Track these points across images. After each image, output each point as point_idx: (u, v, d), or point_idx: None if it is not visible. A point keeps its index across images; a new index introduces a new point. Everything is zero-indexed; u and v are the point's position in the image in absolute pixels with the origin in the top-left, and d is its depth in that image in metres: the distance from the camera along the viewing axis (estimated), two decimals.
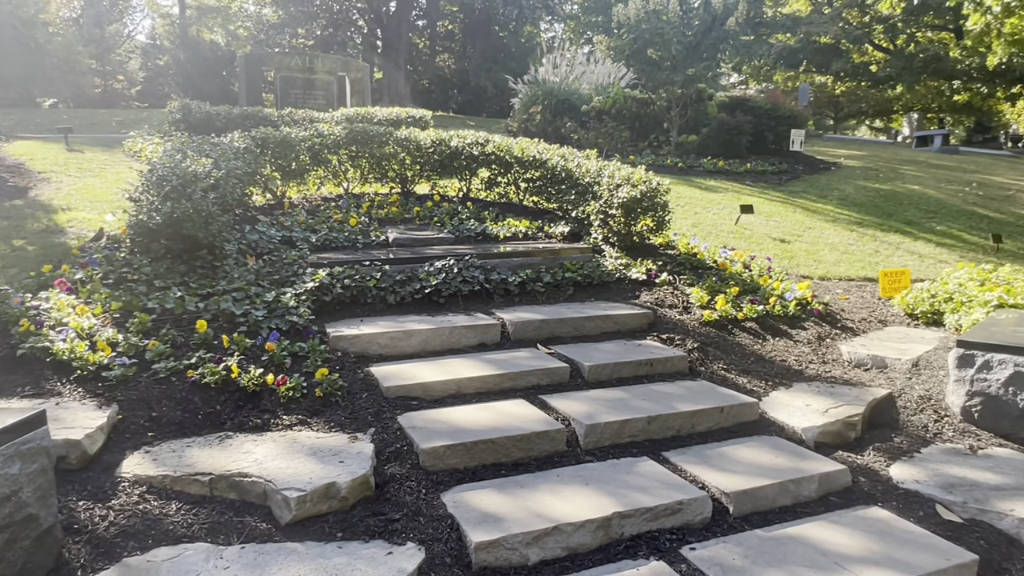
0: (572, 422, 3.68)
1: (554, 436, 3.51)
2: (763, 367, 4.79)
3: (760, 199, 10.34)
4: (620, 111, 14.73)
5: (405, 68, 30.08)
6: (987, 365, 4.19)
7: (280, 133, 6.82)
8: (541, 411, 3.78)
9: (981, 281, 6.26)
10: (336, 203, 7.09)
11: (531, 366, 4.22)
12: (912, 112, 38.33)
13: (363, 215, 6.69)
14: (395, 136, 7.42)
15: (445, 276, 5.16)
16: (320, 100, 14.22)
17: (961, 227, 10.10)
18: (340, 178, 7.52)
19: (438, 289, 5.07)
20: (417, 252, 5.68)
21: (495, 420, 3.59)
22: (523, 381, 4.12)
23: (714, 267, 6.31)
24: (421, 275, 5.12)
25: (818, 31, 28.93)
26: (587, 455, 3.53)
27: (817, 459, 3.57)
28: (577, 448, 3.58)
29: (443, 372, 4.06)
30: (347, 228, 6.21)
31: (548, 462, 3.44)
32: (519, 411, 3.74)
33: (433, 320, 4.71)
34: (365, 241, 6.00)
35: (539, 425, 3.55)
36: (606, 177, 6.45)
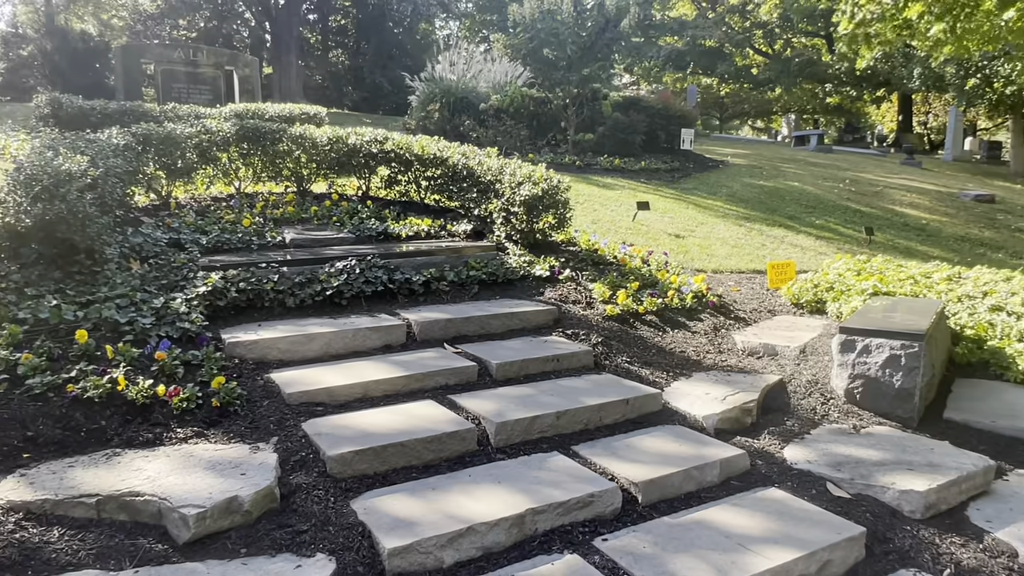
0: (482, 421, 3.66)
1: (464, 436, 3.48)
2: (664, 359, 4.94)
3: (655, 196, 10.68)
4: (518, 110, 14.85)
5: (296, 63, 29.16)
6: (866, 349, 4.48)
7: (164, 129, 6.45)
8: (451, 411, 3.74)
9: (858, 271, 6.71)
10: (228, 203, 6.78)
11: (439, 366, 4.17)
12: (790, 113, 40.71)
13: (257, 215, 6.42)
14: (289, 133, 7.16)
15: (347, 277, 5.02)
16: (206, 95, 13.55)
17: (837, 221, 10.80)
18: (231, 177, 7.19)
19: (340, 291, 4.93)
20: (316, 253, 5.51)
21: (404, 422, 3.53)
22: (431, 382, 4.07)
23: (614, 263, 6.46)
24: (322, 276, 4.96)
25: (703, 35, 30.24)
26: (499, 453, 3.53)
27: (718, 445, 3.71)
28: (488, 447, 3.56)
29: (348, 376, 3.95)
30: (240, 229, 5.94)
31: (460, 462, 3.41)
32: (428, 412, 3.68)
33: (336, 323, 4.57)
34: (260, 242, 5.76)
35: (449, 425, 3.51)
36: (507, 175, 6.47)
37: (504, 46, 14.49)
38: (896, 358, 4.37)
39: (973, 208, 13.55)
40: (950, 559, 3.09)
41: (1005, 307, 5.97)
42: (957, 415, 4.52)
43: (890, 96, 33.75)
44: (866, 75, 29.88)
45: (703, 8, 33.01)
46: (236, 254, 5.43)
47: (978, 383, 5.14)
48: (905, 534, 3.21)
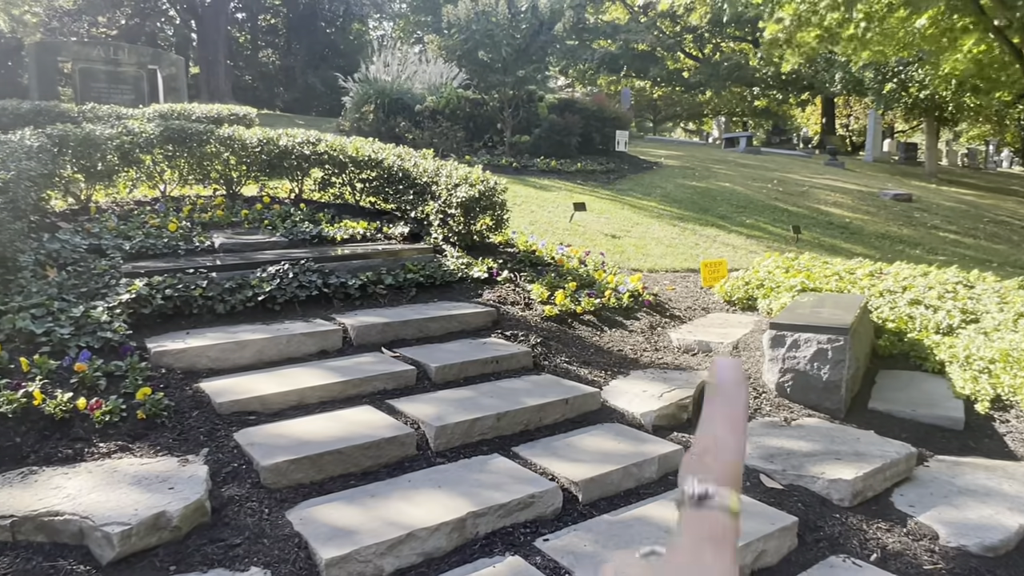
0: (422, 425, 3.62)
1: (404, 441, 3.44)
2: (602, 358, 4.99)
3: (591, 197, 10.80)
4: (454, 111, 14.80)
5: (225, 63, 28.36)
6: (795, 344, 4.63)
7: (82, 130, 6.16)
8: (389, 416, 3.69)
9: (786, 269, 6.93)
10: (152, 207, 6.52)
11: (377, 371, 4.11)
12: (720, 115, 41.82)
13: (184, 219, 6.20)
14: (217, 134, 6.94)
15: (280, 282, 4.89)
16: (128, 95, 13.01)
17: (767, 220, 11.13)
18: (156, 180, 6.92)
19: (273, 296, 4.80)
20: (247, 258, 5.35)
21: (342, 429, 3.46)
22: (369, 387, 4.00)
23: (552, 263, 6.49)
24: (253, 282, 4.82)
25: (635, 39, 30.77)
26: (438, 457, 3.49)
27: (656, 442, 3.76)
28: (428, 451, 3.52)
29: (283, 383, 3.84)
30: (166, 234, 5.72)
31: (400, 468, 3.36)
32: (366, 418, 3.62)
33: (269, 329, 4.45)
34: (188, 247, 5.56)
35: (388, 431, 3.46)
36: (444, 177, 6.43)
37: (438, 47, 14.41)
38: (823, 352, 4.53)
39: (892, 207, 14.18)
40: (877, 543, 3.20)
41: (923, 301, 6.26)
42: (881, 405, 4.72)
43: (814, 99, 35.05)
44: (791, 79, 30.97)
45: (635, 13, 33.59)
46: (162, 260, 5.23)
47: (900, 374, 5.38)
48: (834, 521, 3.32)
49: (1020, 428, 4.48)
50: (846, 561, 3.06)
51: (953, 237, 12.21)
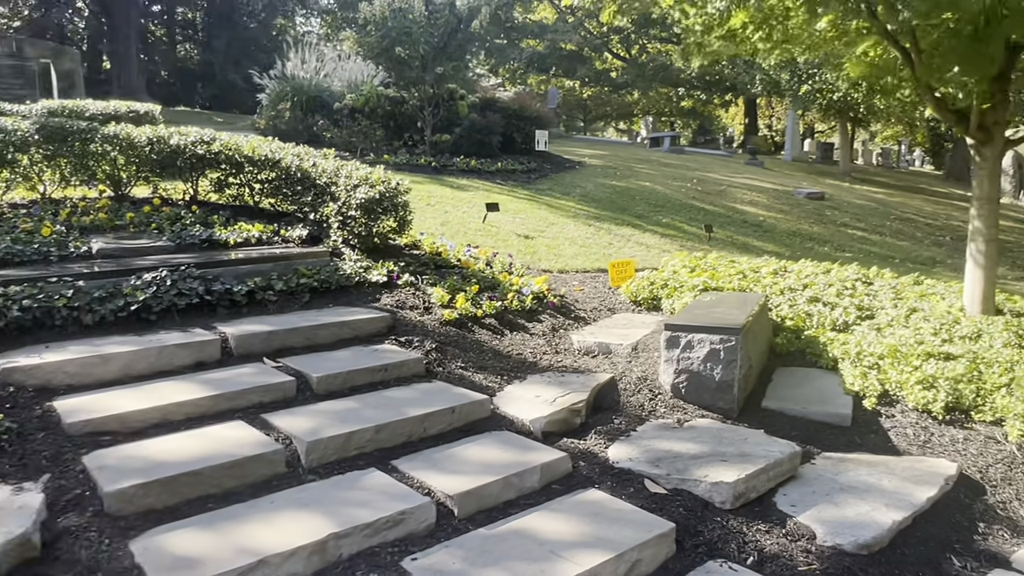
0: (294, 440, 3.44)
1: (271, 458, 3.25)
2: (500, 362, 4.89)
3: (509, 197, 10.72)
4: (374, 109, 14.53)
5: (138, 57, 27.20)
6: (689, 344, 4.62)
7: None
8: (260, 432, 3.49)
9: (692, 268, 6.98)
10: (28, 210, 6.10)
11: (253, 383, 3.90)
12: (648, 115, 42.53)
13: (61, 223, 5.81)
14: (102, 132, 6.55)
15: (156, 289, 4.61)
16: (20, 90, 12.27)
17: (683, 219, 11.27)
18: (34, 181, 6.49)
19: (148, 305, 4.51)
20: (125, 264, 5.04)
21: (205, 448, 3.24)
22: (243, 400, 3.78)
23: (458, 266, 6.36)
24: (126, 290, 4.53)
25: (563, 39, 30.94)
26: (310, 474, 3.31)
27: (542, 449, 3.67)
28: (299, 468, 3.34)
29: (147, 399, 3.60)
30: (38, 239, 5.34)
31: (266, 487, 3.17)
32: (235, 435, 3.41)
33: (140, 340, 4.17)
34: (62, 254, 5.20)
35: (254, 448, 3.26)
36: (343, 177, 6.22)
37: (355, 43, 14.10)
38: (716, 352, 4.53)
39: (805, 205, 14.59)
40: (755, 546, 3.19)
41: (821, 298, 6.39)
42: (774, 403, 4.76)
43: (737, 100, 35.97)
44: (714, 80, 31.72)
45: (563, 12, 33.78)
46: (29, 267, 4.87)
47: (796, 371, 5.45)
48: (715, 525, 3.29)
49: (904, 423, 4.58)
50: (723, 566, 3.03)
51: (860, 234, 12.63)
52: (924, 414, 4.66)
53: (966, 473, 4.09)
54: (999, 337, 5.49)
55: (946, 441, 4.41)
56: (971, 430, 4.52)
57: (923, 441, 4.41)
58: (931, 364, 4.99)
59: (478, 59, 34.71)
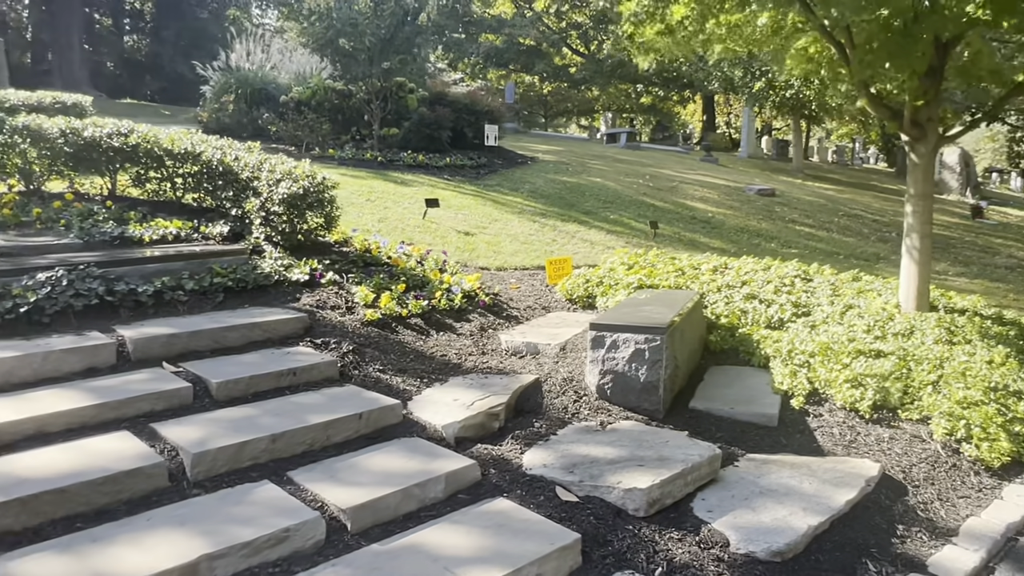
0: (180, 452, 3.21)
1: (151, 473, 3.01)
2: (422, 364, 4.70)
3: (454, 193, 10.52)
4: (321, 103, 14.19)
5: (81, 48, 26.32)
6: (614, 344, 4.49)
7: None
8: (145, 444, 3.25)
9: (630, 265, 6.87)
10: None
11: (145, 390, 3.65)
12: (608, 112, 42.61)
13: None
14: (9, 124, 6.19)
15: (51, 290, 4.32)
16: None
17: (631, 215, 11.19)
18: None
19: (39, 306, 4.22)
20: (20, 263, 4.72)
21: (78, 462, 3.00)
22: (131, 409, 3.54)
23: (388, 264, 6.15)
24: (16, 291, 4.23)
25: (521, 33, 30.76)
26: (196, 488, 3.09)
27: (451, 457, 3.50)
28: (184, 482, 3.11)
29: (22, 409, 3.33)
30: None
31: (144, 504, 2.94)
32: (115, 447, 3.17)
33: (26, 345, 3.89)
34: None
35: (133, 462, 3.02)
36: (266, 171, 5.96)
37: (299, 34, 13.73)
38: (641, 352, 4.41)
39: (755, 201, 14.66)
40: (665, 556, 3.06)
41: (759, 295, 6.33)
42: (702, 404, 4.66)
43: (695, 97, 36.19)
44: (672, 77, 31.84)
45: (521, 7, 33.60)
46: None
47: (728, 369, 5.37)
48: (626, 534, 3.16)
49: (831, 422, 4.52)
50: None
51: (808, 231, 12.71)
52: (852, 413, 4.60)
53: (889, 473, 4.03)
54: (931, 333, 5.47)
55: (871, 441, 4.35)
56: (897, 429, 4.47)
57: (848, 441, 4.34)
58: (860, 362, 4.94)
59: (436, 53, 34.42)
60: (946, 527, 3.62)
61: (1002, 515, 3.75)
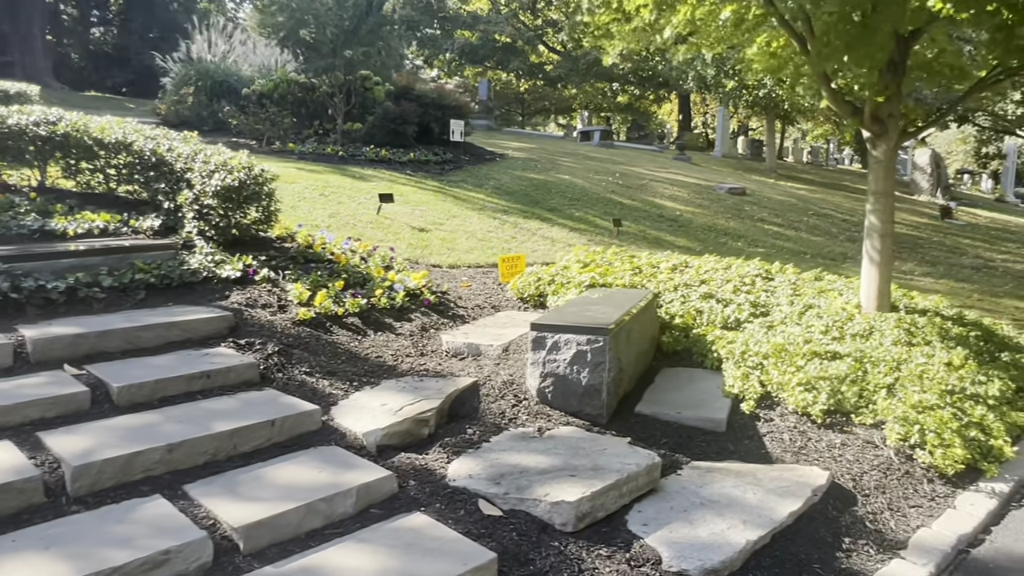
0: (62, 464, 2.92)
1: (22, 487, 2.73)
2: (354, 366, 4.44)
3: (414, 188, 10.24)
4: (284, 96, 13.87)
5: (42, 38, 25.60)
6: (556, 346, 4.26)
7: None
8: (25, 455, 2.96)
9: (586, 263, 6.65)
10: None
11: (36, 395, 3.35)
12: (584, 110, 42.47)
13: None
14: None
15: None
16: None
17: (597, 213, 10.98)
18: None
19: None
20: None
21: None
22: (18, 416, 3.24)
23: (330, 260, 5.87)
24: None
25: (496, 30, 30.50)
26: (76, 504, 2.81)
27: (367, 468, 3.24)
28: (63, 498, 2.83)
29: None
30: None
31: (12, 523, 2.65)
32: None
33: None
34: None
35: (8, 476, 2.74)
36: (199, 162, 5.66)
37: (258, 25, 13.38)
38: (583, 354, 4.18)
39: (725, 200, 14.53)
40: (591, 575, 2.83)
41: (716, 294, 6.13)
42: (648, 408, 4.44)
43: (670, 96, 36.16)
44: (648, 76, 31.76)
45: (496, 3, 33.33)
46: None
47: (680, 372, 5.17)
48: (551, 552, 2.93)
49: (782, 427, 4.33)
50: None
51: (776, 230, 12.60)
52: (804, 417, 4.42)
53: (839, 482, 3.84)
54: (890, 334, 5.31)
55: (823, 447, 4.16)
56: (850, 434, 4.29)
57: (799, 447, 4.15)
58: (815, 364, 4.75)
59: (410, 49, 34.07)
60: (895, 539, 3.43)
61: (954, 526, 3.57)
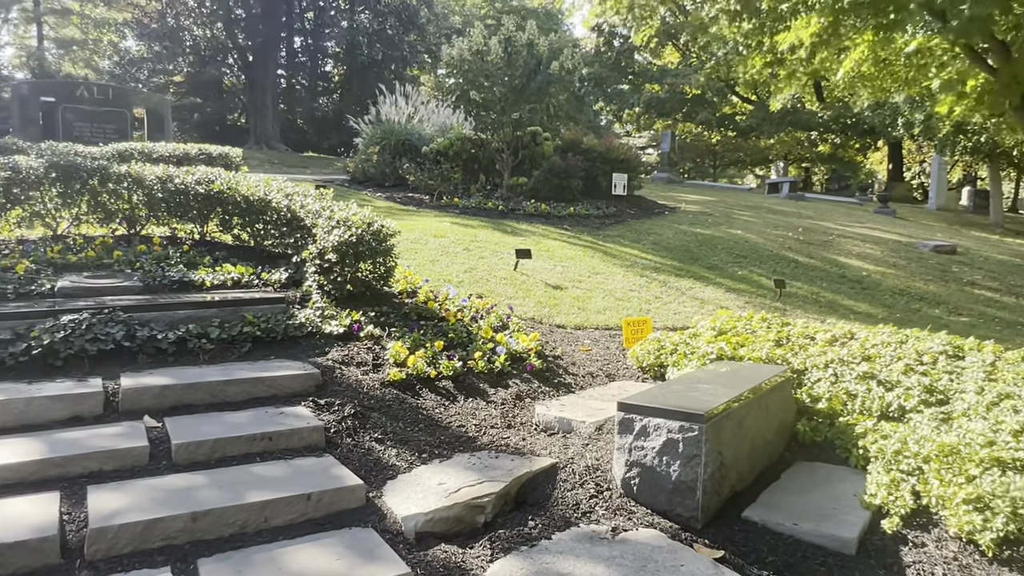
0: (88, 524, 2.90)
1: (36, 547, 2.71)
2: (430, 435, 4.16)
3: (564, 243, 9.98)
4: (458, 153, 14.36)
5: (274, 108, 29.09)
6: (644, 431, 3.69)
7: None
8: (64, 509, 2.99)
9: (722, 330, 5.92)
10: (24, 247, 6.14)
11: (100, 447, 3.42)
12: (781, 161, 40.17)
13: (47, 261, 5.77)
14: (114, 171, 6.56)
15: (69, 333, 4.31)
16: (112, 135, 13.12)
17: (763, 272, 10.02)
18: (49, 218, 6.58)
19: (54, 349, 4.22)
20: (62, 305, 4.81)
21: None
22: (76, 467, 3.31)
23: (441, 317, 5.72)
24: (33, 333, 4.26)
25: (684, 82, 29.89)
26: (87, 570, 2.75)
27: (389, 562, 2.90)
28: (79, 561, 2.79)
29: None
30: (10, 276, 5.29)
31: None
32: (26, 511, 2.92)
33: (16, 389, 3.85)
34: (22, 291, 5.09)
35: (24, 533, 2.74)
36: (323, 218, 5.80)
37: (432, 88, 14.03)
38: (673, 443, 3.57)
39: (928, 259, 12.72)
40: None
41: (878, 375, 5.15)
42: (759, 514, 3.69)
43: (877, 144, 33.13)
44: (852, 123, 29.34)
45: (687, 55, 32.76)
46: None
47: (816, 468, 4.33)
48: None
49: (935, 557, 3.38)
50: None
51: (989, 295, 10.71)
52: (968, 546, 3.43)
53: None
54: None
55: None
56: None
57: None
58: (993, 475, 3.72)
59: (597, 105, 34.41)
60: None
61: None
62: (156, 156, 10.03)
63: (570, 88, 13.86)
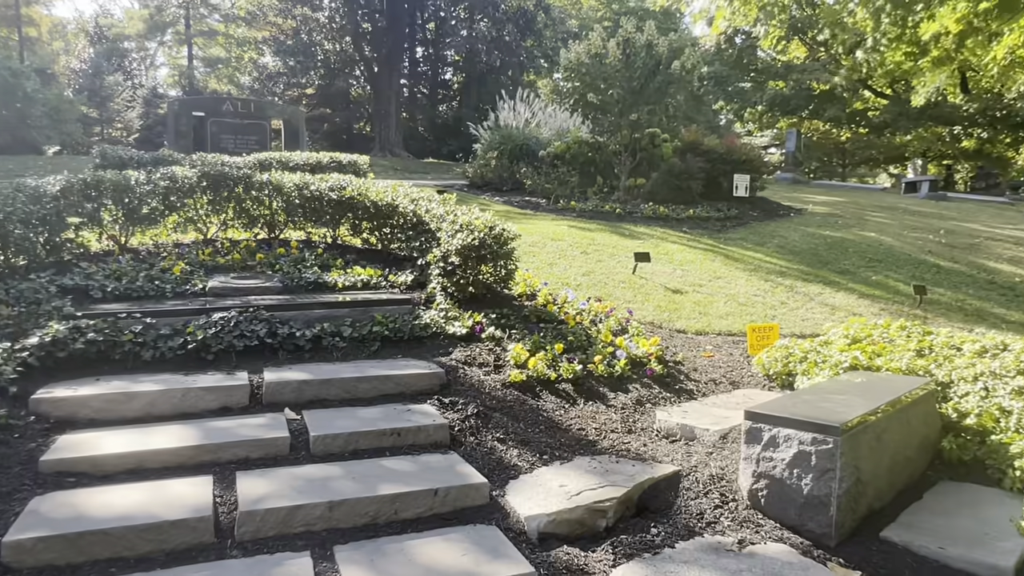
0: (238, 507, 3.13)
1: (194, 526, 2.96)
2: (551, 437, 4.20)
3: (684, 246, 9.77)
4: (575, 156, 14.38)
5: (397, 116, 30.21)
6: (773, 442, 3.56)
7: (117, 176, 6.47)
8: (216, 492, 3.24)
9: (857, 338, 5.61)
10: (180, 250, 6.70)
11: (247, 436, 3.69)
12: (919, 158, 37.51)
13: (199, 263, 6.27)
14: (254, 179, 7.05)
15: (218, 330, 4.67)
16: (254, 146, 14.06)
17: (900, 277, 9.41)
18: (201, 223, 7.14)
19: (206, 344, 4.58)
20: (213, 303, 5.21)
21: (143, 503, 3.06)
22: (227, 454, 3.58)
23: (561, 320, 5.75)
24: (189, 329, 4.65)
25: (811, 77, 28.54)
26: (236, 549, 2.97)
27: (513, 560, 2.95)
28: (229, 540, 3.01)
29: (133, 443, 3.54)
30: (169, 277, 5.79)
31: (184, 557, 2.89)
32: (186, 492, 3.19)
33: (175, 380, 4.20)
34: (178, 290, 5.57)
35: (184, 512, 3.00)
36: (447, 222, 5.97)
37: (551, 92, 14.11)
38: (805, 456, 3.43)
39: None
40: None
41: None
42: (900, 534, 3.48)
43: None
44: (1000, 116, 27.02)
45: (815, 50, 31.24)
46: (138, 302, 5.23)
47: (964, 489, 4.02)
48: None
49: None
50: None
51: None
52: None
53: None
54: None
55: None
56: None
57: None
58: None
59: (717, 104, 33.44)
60: None
61: None
62: (292, 164, 10.67)
63: (689, 88, 13.47)
